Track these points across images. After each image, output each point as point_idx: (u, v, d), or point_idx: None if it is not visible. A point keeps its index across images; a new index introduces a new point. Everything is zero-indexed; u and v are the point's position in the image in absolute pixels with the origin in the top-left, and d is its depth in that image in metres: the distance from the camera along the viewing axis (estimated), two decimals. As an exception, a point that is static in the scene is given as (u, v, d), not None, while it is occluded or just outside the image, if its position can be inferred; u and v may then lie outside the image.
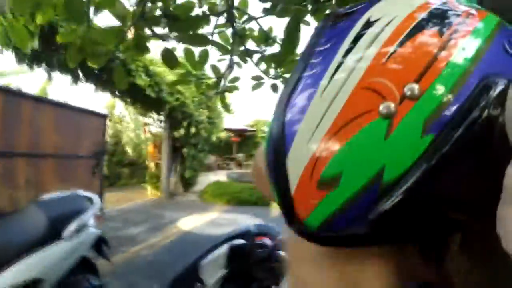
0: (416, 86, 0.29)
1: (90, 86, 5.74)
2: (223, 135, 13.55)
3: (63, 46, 1.50)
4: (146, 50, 1.59)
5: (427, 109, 0.29)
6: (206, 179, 9.69)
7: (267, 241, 1.40)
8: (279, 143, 0.35)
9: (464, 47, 0.31)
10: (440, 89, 0.29)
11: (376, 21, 0.34)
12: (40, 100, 4.71)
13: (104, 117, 6.00)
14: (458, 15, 0.34)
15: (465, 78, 0.29)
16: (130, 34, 1.53)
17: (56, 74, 4.99)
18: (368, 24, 0.34)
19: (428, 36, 0.32)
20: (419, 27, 0.32)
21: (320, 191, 0.31)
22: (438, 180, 0.29)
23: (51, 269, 1.89)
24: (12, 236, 1.91)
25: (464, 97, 0.29)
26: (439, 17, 0.33)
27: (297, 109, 0.35)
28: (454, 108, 0.29)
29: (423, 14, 0.33)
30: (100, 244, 2.39)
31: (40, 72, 4.53)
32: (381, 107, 0.29)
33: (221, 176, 10.80)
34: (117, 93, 6.46)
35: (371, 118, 0.29)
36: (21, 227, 1.99)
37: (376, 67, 0.30)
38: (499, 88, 0.29)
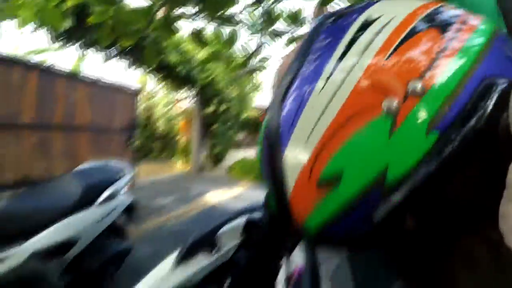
0: (420, 83, 0.28)
1: (123, 63, 5.90)
2: (252, 113, 13.61)
3: (96, 25, 1.58)
4: (174, 30, 1.64)
5: (432, 107, 0.28)
6: (235, 155, 9.83)
7: None
8: (275, 140, 0.33)
9: (465, 48, 0.30)
10: (443, 87, 0.28)
11: (375, 20, 0.33)
12: (73, 78, 4.98)
13: (135, 92, 6.22)
14: (457, 17, 0.33)
15: (468, 78, 0.29)
16: (162, 12, 1.58)
17: (89, 51, 5.17)
18: (368, 23, 0.33)
19: (429, 36, 0.31)
20: (419, 27, 0.31)
21: (320, 190, 0.30)
22: (443, 180, 0.28)
23: (84, 231, 2.05)
24: (49, 202, 2.06)
25: (467, 96, 0.28)
26: (439, 19, 0.33)
27: (294, 106, 0.33)
28: (458, 106, 0.28)
29: (423, 15, 0.33)
30: (130, 212, 2.54)
31: (73, 49, 4.71)
32: (384, 104, 0.28)
33: (249, 153, 10.90)
34: (148, 69, 6.62)
35: (374, 115, 0.28)
36: (57, 194, 2.14)
37: (378, 64, 0.30)
38: (501, 87, 0.29)
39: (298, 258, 1.06)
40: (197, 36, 1.60)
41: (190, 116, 8.73)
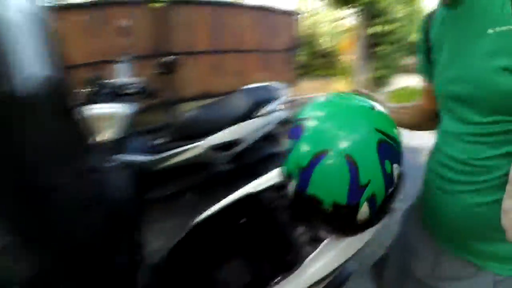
0: None
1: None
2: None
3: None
4: None
5: None
6: (399, 81, 9.23)
7: None
8: None
9: None
10: None
11: None
12: (238, 6, 5.56)
13: (295, 14, 6.44)
14: None
15: None
16: None
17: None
18: None
19: None
20: None
21: None
22: None
23: (247, 135, 2.60)
24: (223, 112, 2.66)
25: None
26: None
27: None
28: None
29: None
30: (285, 124, 2.93)
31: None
32: None
33: (415, 80, 9.98)
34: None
35: None
36: (229, 107, 2.69)
37: None
38: None
39: None
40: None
41: (354, 35, 8.44)
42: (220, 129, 2.55)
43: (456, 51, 0.76)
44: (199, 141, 2.52)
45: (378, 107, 0.84)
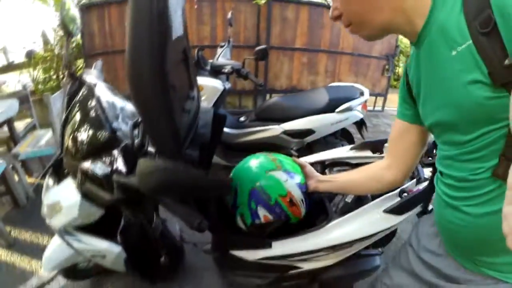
0: None
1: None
2: None
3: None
4: None
5: None
6: None
7: None
8: None
9: None
10: None
11: None
12: None
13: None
14: None
15: None
16: None
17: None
18: None
19: None
20: None
21: None
22: None
23: (321, 127, 2.78)
24: (304, 103, 2.87)
25: None
26: None
27: None
28: None
29: None
30: (360, 125, 3.09)
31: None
32: None
33: None
34: None
35: None
36: (311, 99, 2.90)
37: None
38: None
39: None
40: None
41: None
42: (297, 117, 2.80)
43: (431, 83, 0.81)
44: (277, 124, 2.82)
45: (272, 172, 1.26)
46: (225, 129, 2.82)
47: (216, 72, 2.64)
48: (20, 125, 3.66)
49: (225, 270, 1.58)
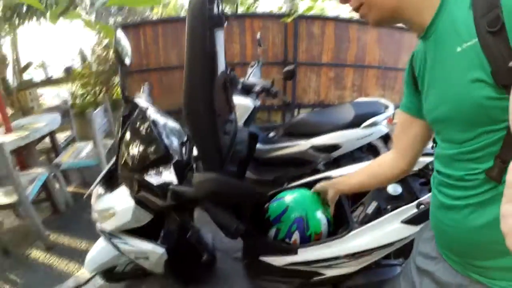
0: None
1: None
2: None
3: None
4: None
5: None
6: None
7: None
8: None
9: None
10: None
11: None
12: (363, 23, 5.70)
13: (421, 35, 6.27)
14: None
15: None
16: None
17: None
18: None
19: None
20: None
21: None
22: None
23: (347, 142, 2.85)
24: (330, 119, 2.97)
25: None
26: None
27: None
28: None
29: None
30: (386, 139, 3.11)
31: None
32: None
33: None
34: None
35: None
36: (337, 115, 2.99)
37: None
38: None
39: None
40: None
41: None
42: (324, 132, 2.89)
43: (434, 78, 0.81)
44: (304, 140, 2.93)
45: (318, 211, 1.51)
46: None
47: (247, 91, 2.81)
48: (59, 137, 3.97)
49: (254, 275, 1.72)
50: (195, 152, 1.29)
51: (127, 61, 1.40)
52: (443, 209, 0.87)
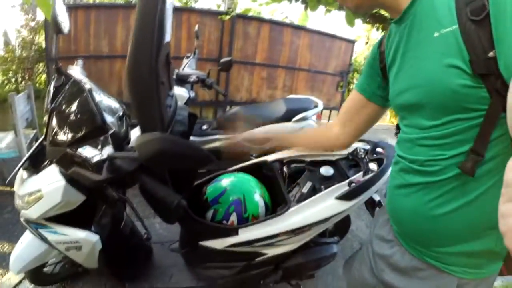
0: None
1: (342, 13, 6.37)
2: None
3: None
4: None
5: None
6: None
7: None
8: None
9: None
10: None
11: None
12: (297, 28, 6.02)
13: (352, 42, 6.72)
14: None
15: None
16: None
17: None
18: None
19: None
20: None
21: None
22: None
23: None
24: (263, 113, 3.03)
25: None
26: None
27: None
28: None
29: None
30: None
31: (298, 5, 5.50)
32: None
33: None
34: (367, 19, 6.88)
35: None
36: (270, 110, 3.07)
37: None
38: None
39: None
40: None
41: None
42: (256, 126, 2.96)
43: (405, 62, 0.79)
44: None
45: (256, 194, 1.61)
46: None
47: (182, 81, 2.76)
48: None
49: (195, 264, 1.69)
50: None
51: (65, 29, 1.29)
52: (402, 194, 0.87)
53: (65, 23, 1.27)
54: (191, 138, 2.92)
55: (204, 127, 3.21)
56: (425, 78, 0.72)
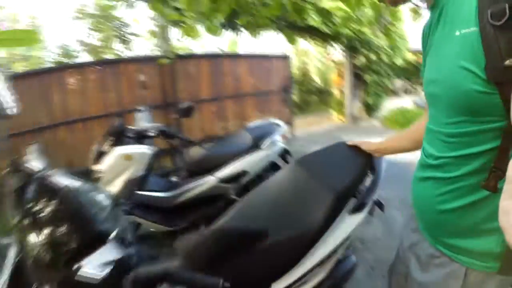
0: None
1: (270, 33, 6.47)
2: (410, 56, 12.18)
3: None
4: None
5: None
6: (391, 104, 9.35)
7: None
8: None
9: None
10: None
11: None
12: (234, 56, 6.16)
13: (286, 58, 6.94)
14: None
15: None
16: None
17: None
18: None
19: None
20: None
21: None
22: None
23: (252, 166, 2.87)
24: (230, 148, 2.96)
25: None
26: None
27: None
28: None
29: None
30: (285, 155, 3.23)
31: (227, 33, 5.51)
32: None
33: (407, 101, 10.11)
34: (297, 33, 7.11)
35: None
36: (235, 143, 3.01)
37: None
38: None
39: None
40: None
41: (343, 68, 8.68)
42: (227, 163, 2.86)
43: (434, 53, 0.80)
44: (211, 175, 2.83)
45: None
46: (160, 194, 2.76)
47: (142, 137, 2.60)
48: None
49: None
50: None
51: (11, 109, 1.07)
52: (419, 184, 0.90)
53: (9, 101, 1.05)
54: (163, 194, 2.75)
55: (174, 179, 3.05)
56: (444, 75, 0.72)
